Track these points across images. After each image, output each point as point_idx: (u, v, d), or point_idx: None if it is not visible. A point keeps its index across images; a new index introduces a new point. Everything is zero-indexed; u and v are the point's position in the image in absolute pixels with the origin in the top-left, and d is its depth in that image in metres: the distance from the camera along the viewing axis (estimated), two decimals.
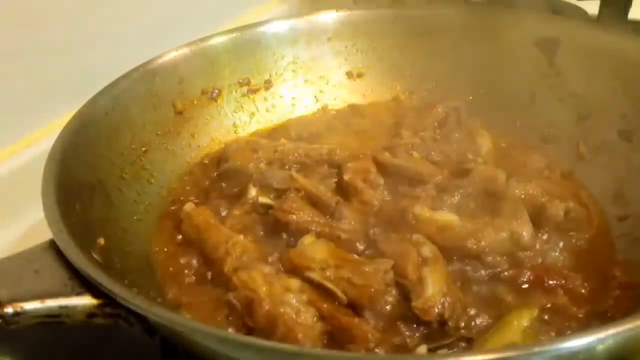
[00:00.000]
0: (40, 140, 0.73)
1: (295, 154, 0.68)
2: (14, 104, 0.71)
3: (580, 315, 0.51)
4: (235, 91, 0.78)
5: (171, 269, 0.58)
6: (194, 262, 0.58)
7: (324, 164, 0.67)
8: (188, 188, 0.68)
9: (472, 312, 0.51)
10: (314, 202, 0.60)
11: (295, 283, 0.51)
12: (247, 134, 0.78)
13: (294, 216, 0.58)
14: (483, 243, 0.54)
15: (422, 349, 0.47)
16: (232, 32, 0.78)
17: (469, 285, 0.53)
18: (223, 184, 0.67)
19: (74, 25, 0.76)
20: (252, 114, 0.79)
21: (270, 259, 0.56)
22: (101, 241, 0.53)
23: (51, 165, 0.54)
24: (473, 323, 0.50)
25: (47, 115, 0.74)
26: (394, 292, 0.50)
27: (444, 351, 0.47)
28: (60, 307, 0.44)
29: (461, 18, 0.79)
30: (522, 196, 0.59)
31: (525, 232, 0.55)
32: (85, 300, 0.44)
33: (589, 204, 0.62)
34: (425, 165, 0.65)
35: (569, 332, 0.49)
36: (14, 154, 0.72)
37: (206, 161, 0.72)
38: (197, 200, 0.65)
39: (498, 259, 0.54)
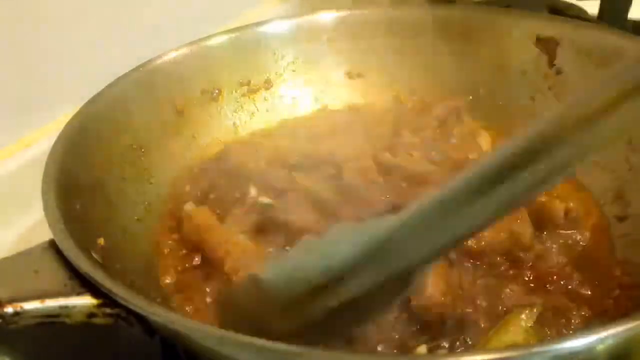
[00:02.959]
0: (40, 140, 0.73)
1: (296, 154, 0.68)
2: (14, 104, 0.71)
3: (580, 316, 0.51)
4: (235, 91, 0.78)
5: (171, 269, 0.58)
6: (195, 262, 0.58)
7: (324, 164, 0.67)
8: (188, 188, 0.68)
9: (472, 311, 0.51)
10: (313, 202, 0.60)
11: None
12: (247, 134, 0.78)
13: (293, 216, 0.58)
14: (483, 243, 0.54)
15: (422, 349, 0.47)
16: (232, 32, 0.78)
17: (468, 284, 0.53)
18: (223, 183, 0.67)
19: (74, 25, 0.76)
20: (252, 113, 0.79)
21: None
22: (101, 241, 0.53)
23: (51, 165, 0.54)
24: (473, 322, 0.50)
25: (47, 115, 0.74)
26: None
27: (443, 351, 0.48)
28: (60, 307, 0.44)
29: (461, 18, 0.79)
30: None
31: (525, 232, 0.55)
32: (85, 300, 0.44)
33: (589, 204, 0.62)
34: (425, 165, 0.65)
35: (570, 332, 0.49)
36: (14, 154, 0.72)
37: (206, 161, 0.72)
38: (197, 200, 0.65)
39: (498, 258, 0.54)
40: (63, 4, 0.74)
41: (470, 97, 0.77)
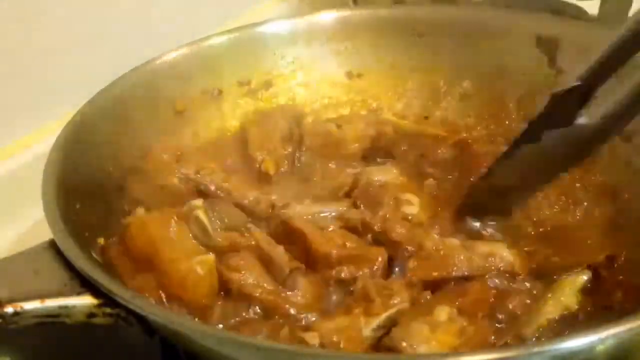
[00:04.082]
0: (40, 140, 0.73)
1: (217, 189, 0.61)
2: (14, 104, 0.71)
3: None
4: (235, 91, 0.78)
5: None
6: None
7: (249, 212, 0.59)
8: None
9: None
10: (267, 262, 0.52)
11: None
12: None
13: (238, 276, 0.50)
14: None
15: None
16: (232, 32, 0.78)
17: None
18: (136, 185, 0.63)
19: (74, 25, 0.76)
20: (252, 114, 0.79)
21: None
22: (101, 241, 0.53)
23: (51, 165, 0.54)
24: None
25: (46, 115, 0.74)
26: None
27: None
28: (60, 307, 0.44)
29: (461, 18, 0.79)
30: None
31: None
32: (85, 300, 0.44)
33: None
34: None
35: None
36: (14, 154, 0.72)
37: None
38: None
39: None
40: (63, 3, 0.74)
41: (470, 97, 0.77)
